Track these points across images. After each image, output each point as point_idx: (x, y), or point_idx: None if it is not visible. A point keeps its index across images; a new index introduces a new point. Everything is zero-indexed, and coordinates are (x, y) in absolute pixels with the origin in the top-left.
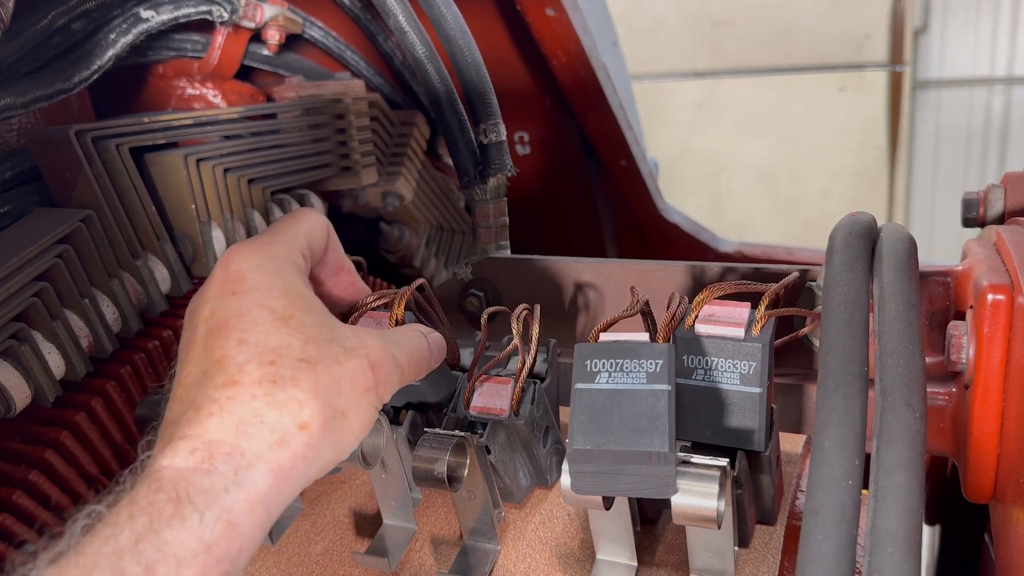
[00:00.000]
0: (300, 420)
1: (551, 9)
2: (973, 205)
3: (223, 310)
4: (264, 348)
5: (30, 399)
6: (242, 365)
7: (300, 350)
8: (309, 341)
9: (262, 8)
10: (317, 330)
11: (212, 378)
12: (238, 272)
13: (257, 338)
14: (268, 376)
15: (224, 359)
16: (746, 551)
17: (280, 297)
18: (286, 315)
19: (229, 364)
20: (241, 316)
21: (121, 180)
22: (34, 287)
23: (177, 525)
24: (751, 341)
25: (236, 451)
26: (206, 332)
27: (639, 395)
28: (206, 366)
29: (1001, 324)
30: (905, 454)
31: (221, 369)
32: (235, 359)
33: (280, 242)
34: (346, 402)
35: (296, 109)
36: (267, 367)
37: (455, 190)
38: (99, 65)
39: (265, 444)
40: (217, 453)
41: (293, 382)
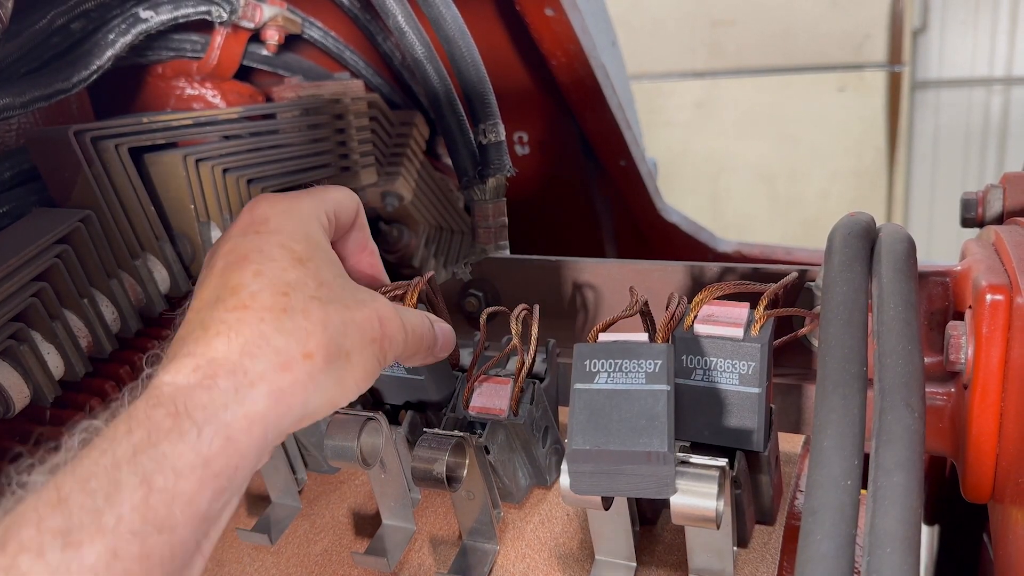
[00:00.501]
0: (305, 349)
1: (550, 9)
2: (972, 205)
3: (244, 245)
4: (279, 281)
5: (29, 399)
6: (255, 293)
7: (314, 289)
8: (323, 284)
9: (261, 8)
10: (332, 278)
11: (224, 301)
12: (263, 214)
13: (273, 272)
14: (279, 304)
15: (239, 286)
16: (745, 551)
17: (301, 241)
18: (304, 257)
19: (243, 291)
20: (260, 251)
21: (120, 180)
22: (33, 287)
23: (175, 439)
24: (750, 341)
25: (239, 369)
26: (224, 264)
27: (638, 395)
28: (219, 292)
29: (1000, 324)
30: (904, 454)
31: (234, 295)
32: (249, 287)
33: (307, 198)
34: (351, 344)
35: (295, 109)
36: (279, 296)
37: (454, 190)
38: (98, 65)
39: (268, 365)
40: (220, 371)
41: (303, 313)
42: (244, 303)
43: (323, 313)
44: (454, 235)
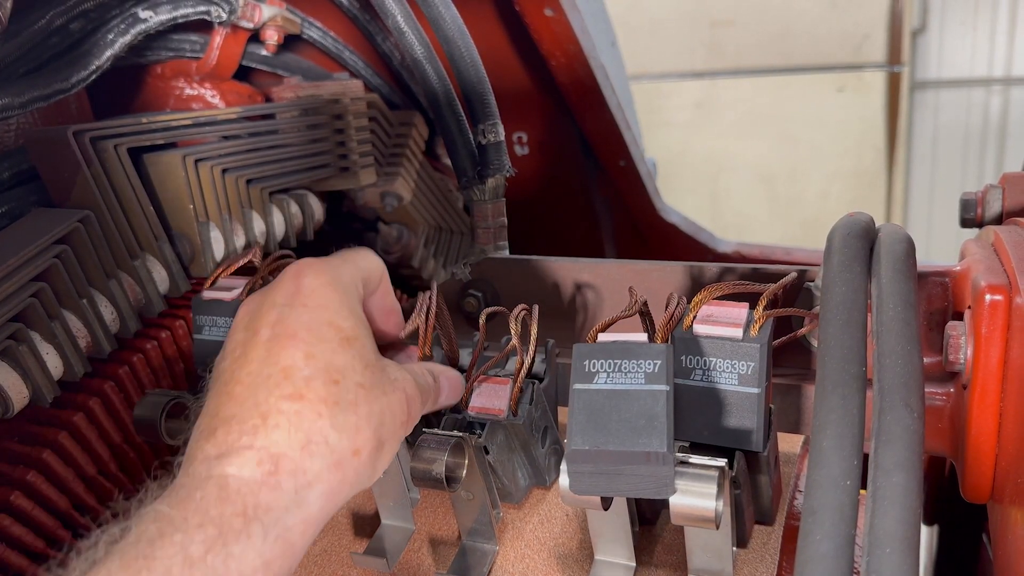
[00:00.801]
0: (354, 446)
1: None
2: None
3: (292, 320)
4: (330, 367)
5: (28, 400)
6: (308, 379)
7: (360, 374)
8: (367, 366)
9: (260, 8)
10: (373, 356)
11: (278, 386)
12: (310, 286)
13: (324, 355)
14: (332, 396)
15: (291, 369)
16: (744, 551)
17: (348, 318)
18: (351, 336)
19: (296, 375)
20: (310, 330)
21: (119, 180)
22: (32, 287)
23: (243, 541)
24: (749, 341)
25: (299, 469)
26: (271, 336)
27: (637, 395)
28: (269, 370)
29: (999, 324)
30: (903, 454)
31: (287, 379)
32: (301, 371)
33: (346, 267)
34: (387, 434)
35: (294, 109)
36: (332, 386)
37: (454, 190)
38: (97, 65)
39: (324, 464)
40: (282, 469)
41: (353, 407)
42: (300, 392)
43: (368, 406)
44: (453, 235)
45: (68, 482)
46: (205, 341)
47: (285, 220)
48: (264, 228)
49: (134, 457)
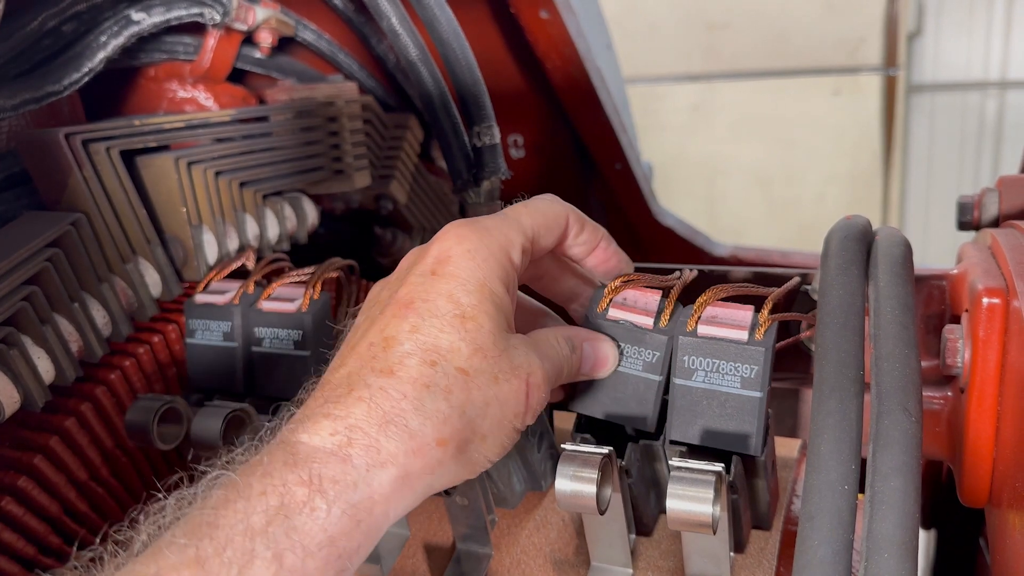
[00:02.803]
0: (440, 435)
1: (545, 12)
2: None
3: (415, 287)
4: (431, 345)
5: (19, 404)
6: (404, 355)
7: (465, 358)
8: (477, 350)
9: (254, 10)
10: (491, 338)
11: (375, 357)
12: (446, 252)
13: (429, 332)
14: (424, 377)
15: (392, 340)
16: (742, 556)
17: (473, 292)
18: (469, 314)
19: (395, 349)
20: (426, 301)
21: (111, 183)
22: (23, 291)
23: (307, 514)
24: (754, 345)
25: (373, 446)
26: (393, 301)
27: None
28: (374, 339)
29: (996, 328)
30: (901, 458)
31: (385, 351)
32: (401, 345)
33: (501, 230)
34: (490, 425)
35: (288, 112)
36: (427, 367)
37: (449, 193)
38: (90, 67)
39: (401, 448)
40: (356, 443)
41: (445, 393)
42: (391, 367)
43: (465, 394)
44: None
45: (59, 488)
46: (198, 345)
47: (279, 223)
48: (258, 231)
49: (126, 462)
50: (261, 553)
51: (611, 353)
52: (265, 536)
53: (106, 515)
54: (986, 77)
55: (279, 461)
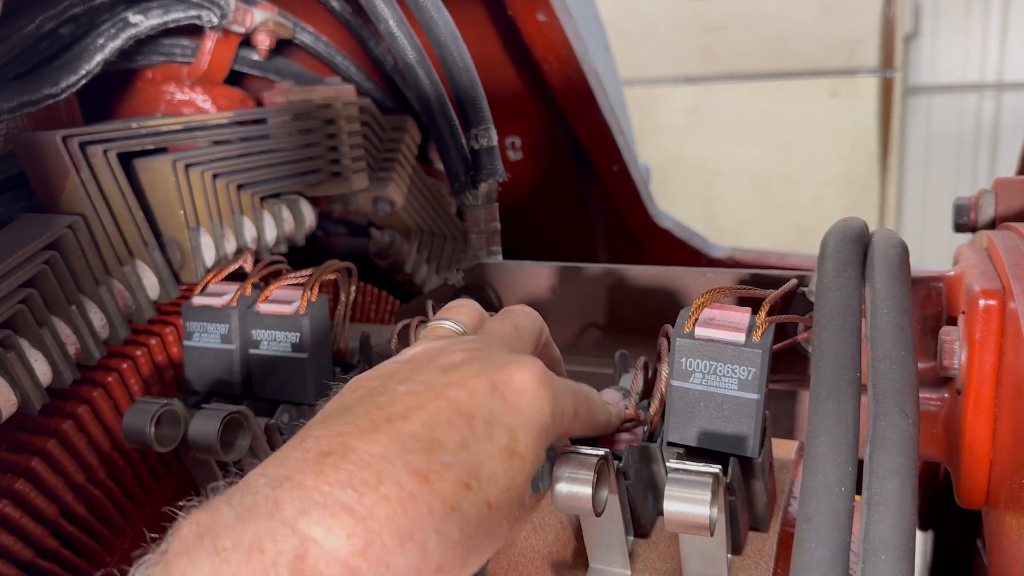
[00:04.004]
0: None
1: (542, 14)
2: (965, 210)
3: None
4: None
5: (16, 407)
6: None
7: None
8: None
9: (252, 13)
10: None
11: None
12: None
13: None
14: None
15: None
16: (739, 558)
17: (532, 434)
18: (521, 452)
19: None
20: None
21: (109, 186)
22: (21, 293)
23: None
24: (751, 347)
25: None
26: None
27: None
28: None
29: (993, 329)
30: (898, 460)
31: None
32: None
33: (563, 399)
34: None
35: (286, 114)
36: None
37: (446, 195)
38: (87, 70)
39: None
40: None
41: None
42: (428, 474)
43: (478, 527)
44: (446, 240)
45: (57, 490)
46: (195, 348)
47: (276, 225)
48: (255, 233)
49: (124, 465)
50: None
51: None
52: None
53: (103, 518)
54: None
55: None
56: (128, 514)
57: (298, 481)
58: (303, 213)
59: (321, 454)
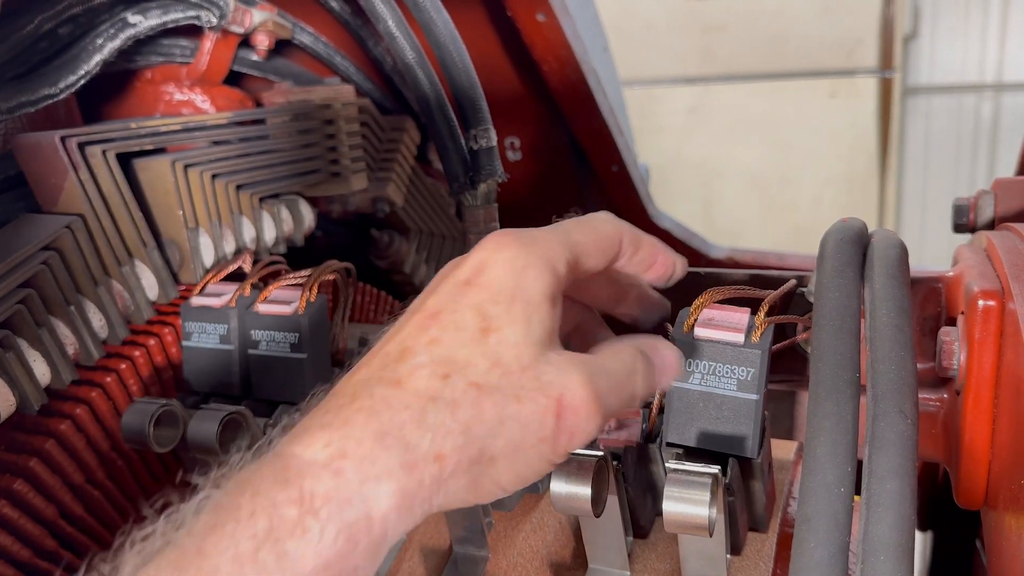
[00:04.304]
0: (439, 450)
1: (541, 14)
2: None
3: (445, 297)
4: (446, 358)
5: (15, 407)
6: (416, 367)
7: (482, 373)
8: (496, 365)
9: (251, 13)
10: (514, 352)
11: (386, 367)
12: (483, 261)
13: (450, 345)
14: (432, 390)
15: (408, 351)
16: (738, 559)
17: (502, 303)
18: (493, 326)
19: (408, 359)
20: (453, 311)
21: (108, 186)
22: (19, 294)
23: (298, 536)
24: (750, 348)
25: (368, 458)
26: (421, 309)
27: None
28: (391, 347)
29: (992, 330)
30: (897, 460)
31: (398, 361)
32: (416, 357)
33: (546, 240)
34: (503, 447)
35: (285, 114)
36: (436, 380)
37: (445, 196)
38: (86, 70)
39: (396, 462)
40: (350, 455)
41: (451, 407)
42: (400, 378)
43: (475, 410)
44: (445, 241)
45: (55, 491)
46: (194, 348)
47: (275, 226)
48: (254, 234)
49: (122, 465)
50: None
51: (675, 360)
52: (255, 564)
53: (102, 518)
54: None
55: (269, 478)
56: (127, 515)
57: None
58: (302, 213)
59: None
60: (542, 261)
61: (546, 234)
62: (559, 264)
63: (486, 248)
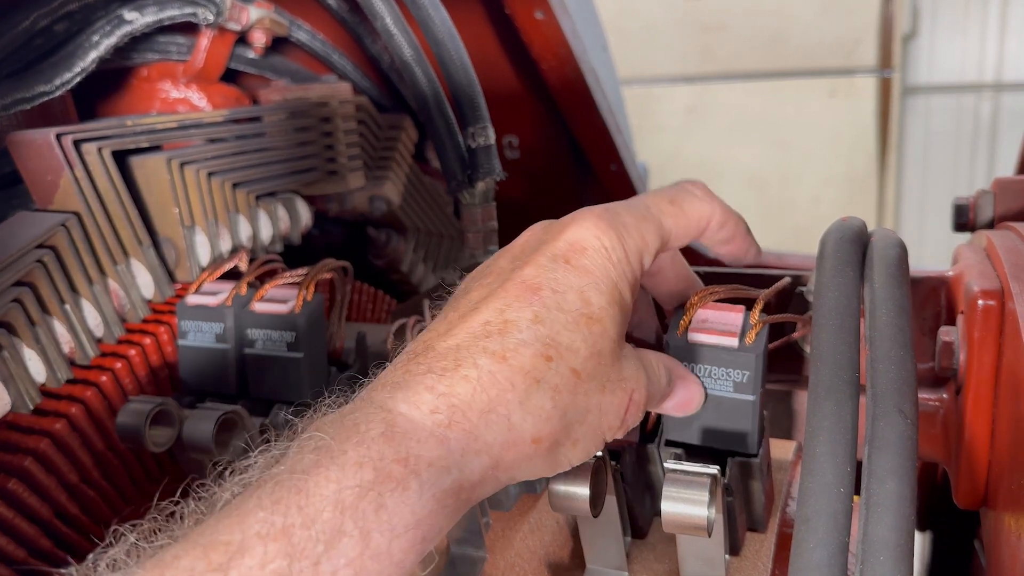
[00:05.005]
0: (537, 433)
1: (540, 13)
2: (964, 210)
3: (545, 271)
4: (551, 340)
5: (9, 406)
6: (521, 344)
7: (581, 360)
8: (595, 354)
9: (248, 10)
10: (610, 344)
11: (489, 337)
12: (582, 243)
13: (553, 326)
14: (536, 371)
15: (511, 324)
16: (737, 559)
17: (604, 292)
18: (596, 315)
19: (512, 334)
20: (555, 292)
21: (103, 184)
22: (14, 292)
23: (399, 493)
24: (745, 350)
25: (472, 433)
26: (513, 276)
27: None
28: (491, 316)
29: (992, 329)
30: (897, 460)
31: (501, 334)
32: (520, 333)
33: (640, 230)
34: (584, 431)
35: (282, 112)
36: (541, 360)
37: (443, 194)
38: (82, 67)
39: (499, 440)
40: (456, 426)
41: (553, 391)
42: (505, 354)
43: (572, 396)
44: (443, 240)
45: (50, 490)
46: (190, 347)
47: (272, 224)
48: (251, 232)
49: (118, 465)
50: (349, 531)
51: (697, 398)
52: (355, 512)
53: (98, 518)
54: (981, 79)
55: (376, 432)
56: (122, 514)
57: (387, 380)
58: (299, 212)
59: (407, 358)
60: (635, 254)
61: (640, 222)
62: (647, 257)
63: (585, 228)
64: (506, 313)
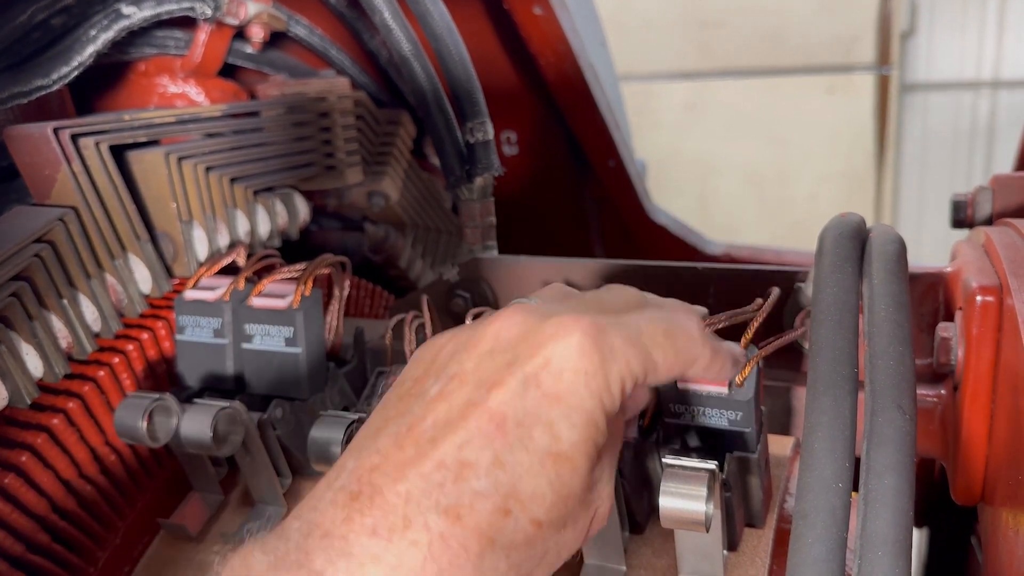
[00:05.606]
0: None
1: (539, 8)
2: (962, 207)
3: (512, 398)
4: (511, 490)
5: (7, 401)
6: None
7: (545, 508)
8: (562, 498)
9: (246, 5)
10: (581, 482)
11: (441, 487)
12: (559, 364)
13: (515, 471)
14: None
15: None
16: (735, 555)
17: (576, 426)
18: (566, 454)
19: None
20: (521, 425)
21: (101, 178)
22: (11, 287)
23: None
24: (737, 396)
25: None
26: (477, 404)
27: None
28: (445, 456)
29: (990, 326)
30: (895, 456)
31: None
32: (478, 480)
33: (626, 358)
34: (543, 571)
35: (280, 107)
36: (498, 516)
37: (441, 190)
38: (79, 62)
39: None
40: None
41: (508, 549)
42: (459, 510)
43: (528, 549)
44: (441, 235)
45: (48, 485)
46: (188, 342)
47: (270, 219)
48: (249, 227)
49: (115, 460)
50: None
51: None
52: None
53: (95, 513)
54: (979, 76)
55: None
56: (120, 509)
57: (326, 530)
58: (297, 207)
59: (350, 496)
60: (617, 383)
61: (629, 347)
62: (629, 385)
63: (564, 342)
64: (464, 451)
